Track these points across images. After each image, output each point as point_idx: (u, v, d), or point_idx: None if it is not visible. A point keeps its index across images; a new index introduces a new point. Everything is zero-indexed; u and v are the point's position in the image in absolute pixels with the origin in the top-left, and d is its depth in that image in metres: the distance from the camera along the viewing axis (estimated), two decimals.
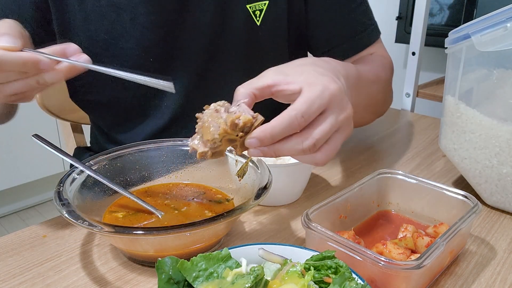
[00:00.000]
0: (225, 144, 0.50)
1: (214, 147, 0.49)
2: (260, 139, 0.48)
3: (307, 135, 0.49)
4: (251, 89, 0.52)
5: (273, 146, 0.49)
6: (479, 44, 0.61)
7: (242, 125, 0.48)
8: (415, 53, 1.45)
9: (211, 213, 0.60)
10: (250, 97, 0.51)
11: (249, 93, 0.51)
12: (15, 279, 0.52)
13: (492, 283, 0.52)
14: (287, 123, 0.48)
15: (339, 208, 0.58)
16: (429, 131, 1.00)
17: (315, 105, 0.49)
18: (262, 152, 0.49)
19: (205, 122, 0.49)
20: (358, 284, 0.38)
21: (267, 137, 0.48)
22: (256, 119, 0.49)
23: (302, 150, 0.49)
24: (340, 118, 0.51)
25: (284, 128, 0.48)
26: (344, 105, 0.52)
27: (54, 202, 0.51)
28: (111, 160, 0.64)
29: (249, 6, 0.82)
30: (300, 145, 0.49)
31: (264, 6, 0.83)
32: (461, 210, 0.56)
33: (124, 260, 0.56)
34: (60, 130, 2.24)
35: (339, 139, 0.52)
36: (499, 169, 0.64)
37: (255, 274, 0.37)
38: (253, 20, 0.83)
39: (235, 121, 0.47)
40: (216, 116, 0.48)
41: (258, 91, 0.52)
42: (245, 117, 0.48)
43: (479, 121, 0.64)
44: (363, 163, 0.83)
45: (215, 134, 0.48)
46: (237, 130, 0.48)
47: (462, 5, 2.08)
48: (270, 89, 0.52)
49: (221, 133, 0.48)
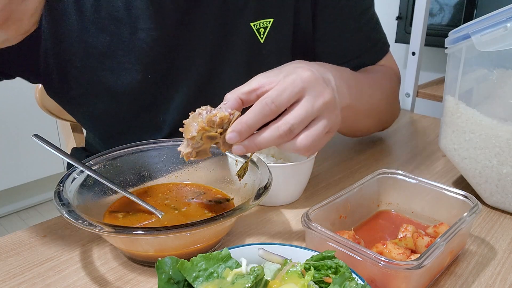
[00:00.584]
0: (206, 142, 0.52)
1: (197, 146, 0.52)
2: (237, 131, 0.50)
3: (283, 121, 0.51)
4: (238, 94, 0.54)
5: (253, 138, 0.51)
6: (479, 44, 0.61)
7: (219, 121, 0.50)
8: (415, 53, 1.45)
9: (211, 213, 0.60)
10: (237, 102, 0.54)
11: (236, 98, 0.54)
12: (15, 279, 0.52)
13: (492, 283, 0.52)
14: (259, 111, 0.50)
15: (339, 208, 0.58)
16: (429, 131, 1.00)
17: (286, 91, 0.51)
18: (245, 147, 0.52)
19: (187, 124, 0.52)
20: (358, 284, 0.38)
21: (244, 127, 0.50)
22: (233, 115, 0.51)
23: (279, 136, 0.51)
24: (318, 104, 0.53)
25: (257, 115, 0.50)
26: (320, 91, 0.53)
27: (54, 202, 0.51)
28: (111, 160, 0.64)
29: (253, 24, 0.80)
30: (276, 131, 0.51)
31: (268, 24, 0.81)
32: (461, 210, 0.56)
33: (124, 260, 0.56)
34: (60, 130, 2.24)
35: (320, 126, 0.53)
36: (499, 169, 0.64)
37: (255, 274, 0.37)
38: (257, 37, 0.82)
39: (212, 118, 0.50)
40: (197, 118, 0.51)
41: (245, 95, 0.54)
42: (221, 114, 0.51)
43: (479, 121, 0.64)
44: (363, 163, 0.83)
45: (193, 132, 0.51)
46: (215, 127, 0.51)
47: (462, 5, 2.08)
48: (256, 92, 0.54)
49: (199, 130, 0.50)
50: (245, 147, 0.52)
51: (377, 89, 0.81)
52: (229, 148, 0.53)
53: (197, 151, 0.53)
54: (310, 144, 0.53)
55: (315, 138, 0.53)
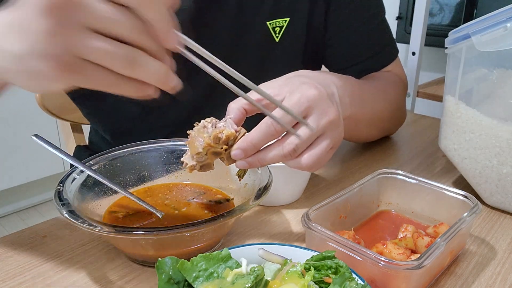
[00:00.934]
0: (211, 157, 0.53)
1: (201, 160, 0.52)
2: (243, 149, 0.51)
3: (288, 141, 0.51)
4: (241, 104, 0.55)
5: (257, 155, 0.52)
6: (479, 44, 0.61)
7: (225, 138, 0.51)
8: (415, 53, 1.45)
9: (211, 213, 0.60)
10: (241, 112, 0.55)
11: (239, 107, 0.55)
12: (15, 279, 0.52)
13: (492, 283, 0.52)
14: (264, 131, 0.51)
15: (339, 208, 0.58)
16: (429, 131, 1.00)
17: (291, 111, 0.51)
18: (248, 163, 0.52)
19: (192, 138, 0.52)
20: (358, 284, 0.38)
21: (249, 146, 0.51)
22: (239, 132, 0.52)
23: (283, 155, 0.52)
24: (322, 123, 0.53)
25: (262, 135, 0.51)
26: (325, 109, 0.53)
27: (54, 202, 0.51)
28: (111, 160, 0.64)
29: (269, 23, 0.80)
30: (281, 151, 0.51)
31: (284, 23, 0.81)
32: (461, 210, 0.56)
33: (124, 260, 0.56)
34: (60, 130, 2.24)
35: (323, 144, 0.53)
36: (499, 169, 0.64)
37: (255, 274, 0.37)
38: (272, 36, 0.81)
39: (218, 135, 0.51)
40: (202, 131, 0.52)
41: (248, 105, 0.55)
42: (227, 131, 0.51)
43: (479, 121, 0.64)
44: (363, 163, 0.83)
45: (199, 148, 0.51)
46: (221, 144, 0.51)
47: (462, 5, 2.08)
48: (260, 103, 0.54)
49: (205, 147, 0.51)
50: (248, 163, 0.52)
51: (381, 98, 0.81)
52: (232, 163, 0.53)
53: (201, 165, 0.53)
54: (314, 162, 0.53)
55: (319, 156, 0.53)
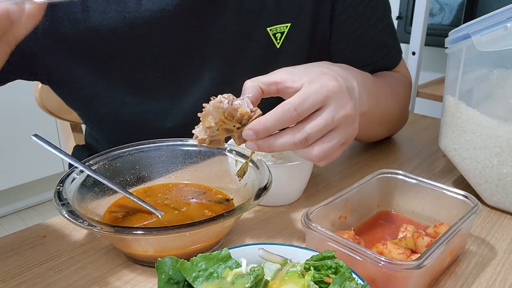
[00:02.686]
0: (222, 133, 0.52)
1: (212, 135, 0.52)
2: (255, 131, 0.50)
3: (300, 129, 0.51)
4: (258, 83, 0.54)
5: (268, 139, 0.51)
6: (479, 44, 0.61)
7: (239, 116, 0.50)
8: (415, 53, 1.45)
9: (211, 213, 0.60)
10: (257, 90, 0.53)
11: (256, 86, 0.53)
12: (15, 279, 0.52)
13: (492, 283, 0.52)
14: (280, 116, 0.50)
15: (339, 208, 0.58)
16: (429, 131, 1.00)
17: (309, 100, 0.50)
18: (257, 146, 0.52)
19: (207, 111, 0.52)
20: (358, 284, 0.38)
21: (261, 128, 0.50)
22: (254, 113, 0.51)
23: (294, 143, 0.51)
24: (338, 116, 0.52)
25: (277, 120, 0.50)
26: (343, 103, 0.53)
27: (54, 202, 0.51)
28: (111, 160, 0.64)
29: (270, 29, 0.79)
30: (292, 138, 0.51)
31: (285, 29, 0.80)
32: (461, 210, 0.56)
33: (124, 260, 0.56)
34: (59, 130, 2.24)
35: (335, 138, 0.53)
36: (499, 169, 0.64)
37: (255, 274, 0.37)
38: (273, 43, 0.80)
39: (233, 112, 0.50)
40: (218, 106, 0.51)
41: (265, 86, 0.54)
42: (242, 109, 0.50)
43: (479, 121, 0.64)
44: (363, 163, 0.83)
45: (212, 122, 0.51)
46: (234, 121, 0.51)
47: (462, 5, 2.08)
48: (277, 86, 0.54)
49: (217, 121, 0.51)
50: (258, 146, 0.52)
51: (393, 97, 0.81)
52: (242, 142, 0.53)
53: (211, 139, 0.53)
54: (324, 154, 0.52)
55: (330, 150, 0.52)
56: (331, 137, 0.52)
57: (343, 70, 0.59)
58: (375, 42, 0.86)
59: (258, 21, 0.78)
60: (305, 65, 0.58)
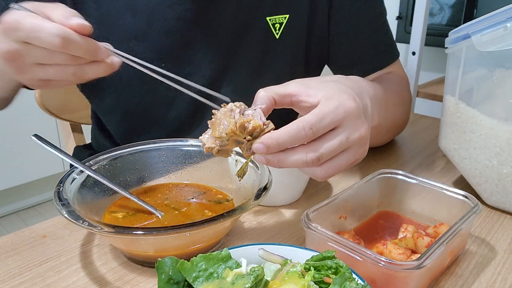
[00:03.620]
0: (232, 144, 0.51)
1: (221, 145, 0.50)
2: (266, 145, 0.48)
3: (313, 148, 0.49)
4: (272, 93, 0.52)
5: (278, 155, 0.49)
6: (479, 44, 0.61)
7: (251, 129, 0.48)
8: (415, 53, 1.45)
9: (211, 213, 0.60)
10: (270, 101, 0.52)
11: (269, 97, 0.52)
12: (15, 279, 0.52)
13: (493, 284, 0.52)
14: (294, 133, 0.48)
15: (339, 208, 0.58)
16: (429, 131, 1.00)
17: (326, 119, 0.49)
18: (266, 160, 0.50)
19: (217, 119, 0.50)
20: (358, 285, 0.38)
21: (273, 143, 0.48)
22: (267, 126, 0.49)
23: (306, 162, 0.49)
24: (352, 138, 0.50)
25: (290, 137, 0.48)
26: (359, 125, 0.51)
27: (54, 202, 0.51)
28: (111, 160, 0.64)
29: (269, 19, 0.81)
30: (304, 157, 0.49)
31: (284, 19, 0.81)
32: (461, 210, 0.56)
33: (124, 260, 0.56)
34: (60, 130, 2.24)
35: (345, 159, 0.51)
36: (499, 169, 0.64)
37: (255, 275, 0.37)
38: (272, 32, 0.82)
39: (245, 124, 0.48)
40: (229, 116, 0.49)
41: (279, 97, 0.52)
42: (255, 122, 0.48)
43: (479, 121, 0.64)
44: (363, 163, 0.83)
45: (223, 133, 0.49)
46: (246, 134, 0.49)
47: (462, 5, 2.08)
48: (291, 98, 0.52)
49: (228, 132, 0.49)
50: (267, 161, 0.50)
51: (400, 104, 0.82)
52: (251, 155, 0.51)
53: (219, 149, 0.51)
54: (330, 174, 0.51)
55: (337, 170, 0.51)
56: (342, 158, 0.51)
57: (357, 86, 0.57)
58: (372, 39, 0.87)
59: (258, 11, 0.80)
60: (320, 78, 0.57)
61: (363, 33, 0.87)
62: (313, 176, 0.52)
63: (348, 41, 0.87)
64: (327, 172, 0.51)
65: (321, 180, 0.52)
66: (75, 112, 1.16)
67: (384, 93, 0.68)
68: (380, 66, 0.89)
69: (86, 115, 1.18)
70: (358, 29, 0.86)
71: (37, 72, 0.54)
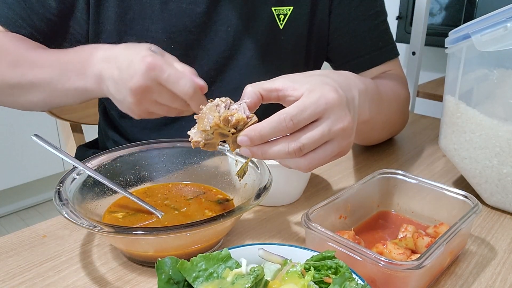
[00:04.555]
0: (217, 137, 0.52)
1: (207, 138, 0.52)
2: (250, 138, 0.50)
3: (295, 139, 0.50)
4: (259, 89, 0.53)
5: (262, 146, 0.51)
6: (479, 44, 0.61)
7: (235, 122, 0.50)
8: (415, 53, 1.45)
9: (211, 213, 0.60)
10: (256, 96, 0.53)
11: (256, 92, 0.53)
12: (15, 279, 0.52)
13: (492, 284, 0.52)
14: (275, 124, 0.49)
15: (339, 208, 0.58)
16: (429, 131, 1.00)
17: (307, 110, 0.50)
18: (251, 152, 0.51)
19: (203, 114, 0.51)
20: (358, 284, 0.38)
21: (256, 135, 0.50)
22: (250, 119, 0.51)
23: (288, 152, 0.50)
24: (335, 129, 0.51)
25: (272, 128, 0.50)
26: (342, 116, 0.52)
27: (54, 202, 0.51)
28: (111, 160, 0.64)
29: (274, 9, 0.84)
30: (286, 147, 0.50)
31: (288, 11, 0.85)
32: (461, 210, 0.56)
33: (124, 260, 0.56)
34: (59, 130, 2.24)
35: (329, 150, 0.52)
36: (499, 169, 0.64)
37: (255, 275, 0.37)
38: (277, 23, 0.85)
39: (228, 118, 0.50)
40: (214, 110, 0.51)
41: (265, 92, 0.54)
42: (238, 115, 0.50)
43: (479, 121, 0.64)
44: (363, 163, 0.83)
45: (207, 126, 0.51)
46: (230, 127, 0.50)
47: (462, 5, 2.08)
48: (277, 93, 0.53)
49: (212, 126, 0.50)
50: (252, 153, 0.51)
51: (395, 101, 0.82)
52: (237, 148, 0.52)
53: (206, 142, 0.53)
54: (313, 165, 0.52)
55: (321, 161, 0.52)
56: (325, 149, 0.52)
57: (344, 79, 0.58)
58: (371, 34, 0.89)
59: (265, 1, 0.83)
60: (307, 72, 0.58)
61: (362, 28, 0.88)
62: (297, 167, 0.53)
63: (347, 36, 0.89)
64: (310, 163, 0.52)
65: (306, 171, 0.53)
66: (75, 112, 1.16)
67: (377, 88, 0.68)
68: (378, 62, 0.90)
69: (86, 115, 1.18)
70: (357, 24, 0.88)
71: (152, 107, 0.62)
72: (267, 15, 0.83)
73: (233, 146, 0.53)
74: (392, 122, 0.85)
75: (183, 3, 0.79)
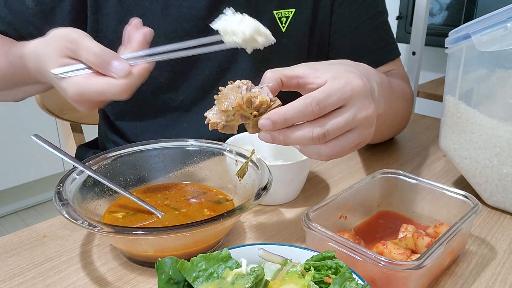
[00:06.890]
0: (237, 119, 0.50)
1: (227, 120, 0.50)
2: (273, 121, 0.48)
3: (320, 124, 0.49)
4: (279, 74, 0.52)
5: (284, 131, 0.49)
6: (479, 44, 0.61)
7: (258, 104, 0.48)
8: (415, 53, 1.45)
9: (211, 213, 0.60)
10: (277, 82, 0.52)
11: (276, 77, 0.52)
12: (15, 279, 0.52)
13: (492, 284, 0.52)
14: (301, 108, 0.48)
15: (339, 208, 0.58)
16: (429, 131, 1.00)
17: (334, 96, 0.49)
18: (272, 137, 0.49)
19: (224, 94, 0.49)
20: (358, 285, 0.38)
21: (280, 119, 0.48)
22: (274, 102, 0.49)
23: (311, 138, 0.49)
24: (359, 117, 0.50)
25: (297, 112, 0.48)
26: (366, 104, 0.51)
27: (54, 202, 0.51)
28: (111, 160, 0.64)
29: (276, 12, 0.84)
30: (310, 133, 0.49)
31: (290, 13, 0.84)
32: (461, 210, 0.56)
33: (124, 260, 0.56)
34: (60, 130, 2.24)
35: (352, 138, 0.51)
36: (499, 169, 0.64)
37: (255, 275, 0.37)
38: (279, 26, 0.85)
39: (252, 99, 0.48)
40: (236, 91, 0.49)
41: (286, 78, 0.52)
42: (262, 97, 0.48)
43: (479, 121, 0.64)
44: (363, 163, 0.83)
45: (229, 106, 0.48)
46: (252, 108, 0.49)
47: (462, 5, 2.08)
48: (298, 80, 0.52)
49: (235, 106, 0.48)
50: (272, 138, 0.49)
51: (403, 99, 0.83)
52: (256, 132, 0.51)
53: (225, 124, 0.50)
54: (335, 154, 0.51)
55: (343, 150, 0.51)
56: (348, 137, 0.51)
57: (364, 69, 0.57)
58: (372, 35, 0.89)
59: (267, 4, 0.83)
60: (328, 61, 0.57)
61: (364, 29, 0.88)
62: (318, 155, 0.51)
63: (349, 37, 0.89)
64: (332, 151, 0.50)
65: (326, 159, 0.52)
66: (75, 112, 1.16)
67: (390, 84, 0.68)
68: (380, 62, 0.90)
69: (86, 115, 1.18)
70: (358, 24, 0.88)
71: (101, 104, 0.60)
72: (269, 18, 0.83)
73: (253, 130, 0.51)
74: (399, 119, 0.85)
75: (183, 8, 0.79)
